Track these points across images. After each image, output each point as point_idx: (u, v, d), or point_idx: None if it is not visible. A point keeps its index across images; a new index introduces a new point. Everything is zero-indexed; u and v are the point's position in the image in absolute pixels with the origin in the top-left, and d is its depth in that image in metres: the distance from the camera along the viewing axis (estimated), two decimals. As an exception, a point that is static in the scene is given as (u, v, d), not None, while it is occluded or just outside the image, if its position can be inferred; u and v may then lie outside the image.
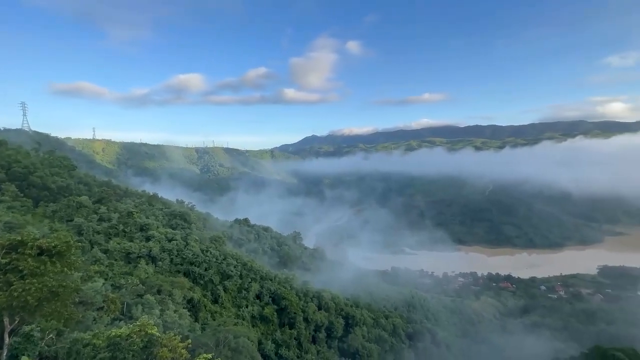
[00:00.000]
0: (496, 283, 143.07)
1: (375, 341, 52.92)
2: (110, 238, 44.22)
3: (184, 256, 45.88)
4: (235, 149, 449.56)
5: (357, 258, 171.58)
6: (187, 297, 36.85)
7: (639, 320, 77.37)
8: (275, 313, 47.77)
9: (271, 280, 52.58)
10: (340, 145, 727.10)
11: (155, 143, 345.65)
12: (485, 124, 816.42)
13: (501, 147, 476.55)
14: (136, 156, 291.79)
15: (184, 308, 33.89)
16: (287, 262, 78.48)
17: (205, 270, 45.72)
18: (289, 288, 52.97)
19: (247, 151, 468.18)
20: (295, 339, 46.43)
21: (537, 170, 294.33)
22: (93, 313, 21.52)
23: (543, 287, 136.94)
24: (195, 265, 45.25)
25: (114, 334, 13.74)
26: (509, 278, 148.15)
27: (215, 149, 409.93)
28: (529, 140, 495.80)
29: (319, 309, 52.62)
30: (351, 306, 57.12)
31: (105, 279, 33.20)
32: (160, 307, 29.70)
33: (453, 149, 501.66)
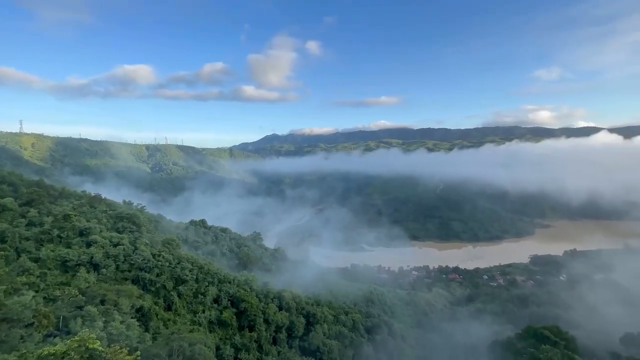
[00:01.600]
0: (446, 275, 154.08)
1: (336, 337, 53.87)
2: (42, 245, 39.17)
3: (133, 262, 42.34)
4: (191, 147, 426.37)
5: (318, 256, 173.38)
6: (136, 306, 34.06)
7: (562, 301, 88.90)
8: (234, 316, 46.26)
9: (230, 282, 50.81)
10: (301, 144, 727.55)
11: (98, 139, 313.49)
12: (437, 127, 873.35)
13: (450, 149, 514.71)
14: (75, 153, 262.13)
15: (132, 318, 31.27)
16: (247, 263, 76.47)
17: (157, 276, 42.67)
18: (249, 290, 51.67)
19: (203, 149, 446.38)
20: (255, 341, 45.43)
21: (480, 170, 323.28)
22: (20, 331, 18.91)
23: (485, 277, 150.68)
24: (145, 271, 42.00)
25: (46, 352, 12.21)
26: (456, 270, 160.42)
27: (168, 146, 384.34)
28: (474, 143, 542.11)
29: (280, 309, 52.13)
30: (312, 304, 57.46)
31: (37, 291, 29.57)
32: (104, 319, 27.07)
33: (408, 150, 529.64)
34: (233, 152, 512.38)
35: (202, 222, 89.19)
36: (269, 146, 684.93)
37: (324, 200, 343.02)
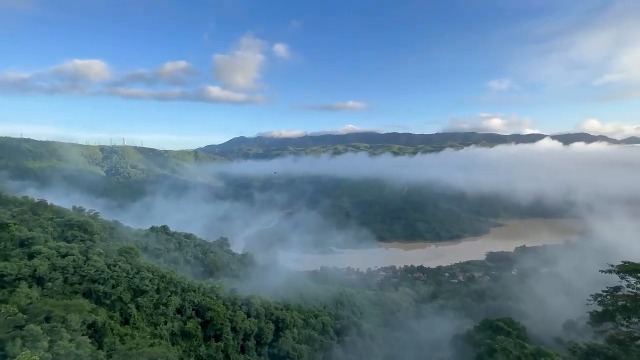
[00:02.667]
0: (411, 274, 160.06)
1: (306, 341, 53.54)
2: (-28, 258, 34.60)
3: (84, 273, 38.81)
4: (152, 149, 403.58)
5: (288, 260, 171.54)
6: (87, 322, 31.19)
7: (513, 294, 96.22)
8: (199, 327, 44.19)
9: (194, 291, 48.49)
10: (269, 147, 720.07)
11: (44, 139, 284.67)
12: (401, 132, 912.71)
13: (414, 153, 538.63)
14: (14, 154, 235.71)
15: (83, 335, 28.60)
16: (214, 270, 73.59)
17: (113, 287, 39.50)
18: (215, 298, 49.70)
19: (166, 151, 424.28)
20: (222, 351, 43.72)
21: (441, 173, 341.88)
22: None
23: (447, 274, 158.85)
24: (99, 283, 38.70)
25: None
26: (421, 268, 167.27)
27: (126, 148, 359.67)
28: (436, 147, 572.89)
29: (249, 316, 50.75)
30: (282, 309, 56.66)
31: (-35, 312, 25.94)
32: (49, 338, 24.46)
33: (374, 154, 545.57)
34: (198, 154, 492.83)
35: (164, 229, 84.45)
36: (237, 149, 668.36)
37: (293, 203, 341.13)
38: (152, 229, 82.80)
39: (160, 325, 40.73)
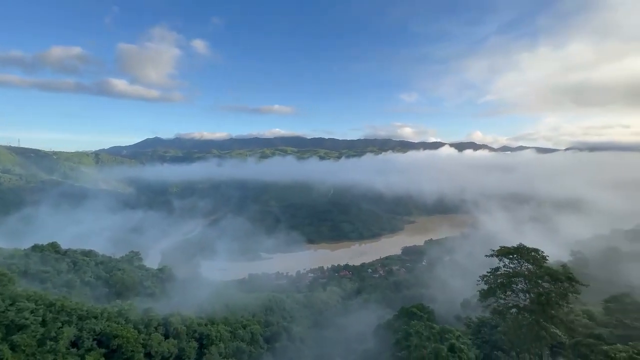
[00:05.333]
0: (338, 273, 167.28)
1: (234, 355, 50.77)
2: None
3: None
4: (35, 150, 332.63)
5: (213, 271, 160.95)
6: None
7: (424, 282, 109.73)
8: (103, 358, 37.72)
9: (96, 318, 41.19)
10: (190, 150, 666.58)
11: None
12: (327, 137, 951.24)
13: (339, 157, 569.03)
14: None
15: None
16: (122, 290, 63.90)
17: (-26, 327, 30.73)
18: (124, 322, 43.17)
19: (55, 153, 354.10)
20: (133, 382, 38.18)
21: (363, 176, 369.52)
22: None
23: (369, 270, 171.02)
24: (-50, 324, 29.63)
25: None
26: (347, 267, 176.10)
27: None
28: (358, 152, 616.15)
29: (167, 337, 45.59)
30: (206, 325, 52.54)
31: None
32: None
33: (302, 158, 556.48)
34: (100, 156, 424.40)
35: (53, 246, 69.72)
36: (151, 151, 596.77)
37: (218, 209, 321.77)
38: (35, 247, 67.48)
39: (48, 365, 33.31)
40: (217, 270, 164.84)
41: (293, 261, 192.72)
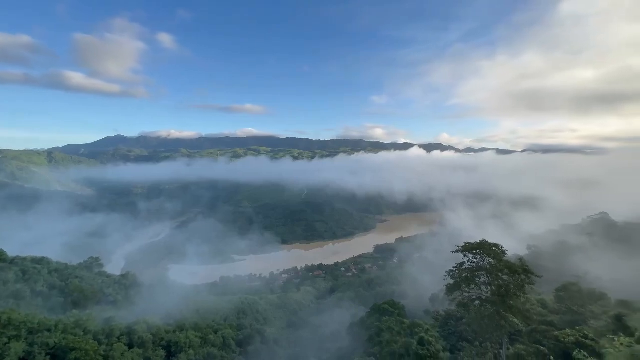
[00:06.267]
0: (312, 273, 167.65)
1: (204, 361, 49.08)
2: None
3: None
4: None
5: (183, 274, 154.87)
6: None
7: (396, 279, 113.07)
8: (58, 374, 34.78)
9: (49, 330, 37.89)
10: (156, 149, 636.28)
11: None
12: (300, 137, 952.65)
13: (312, 158, 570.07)
14: None
15: None
16: (81, 299, 59.32)
17: None
18: (82, 334, 40.14)
19: (0, 151, 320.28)
20: (93, 397, 35.57)
21: (336, 176, 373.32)
22: None
23: (343, 269, 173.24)
24: None
25: None
26: (320, 266, 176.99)
27: None
28: (331, 153, 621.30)
29: (131, 347, 43.04)
30: (174, 331, 50.29)
31: None
32: None
33: (275, 158, 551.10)
34: (54, 155, 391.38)
35: (-2, 254, 63.09)
36: (112, 150, 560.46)
37: (187, 211, 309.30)
38: (-24, 256, 60.72)
39: (-8, 386, 30.15)
40: (187, 274, 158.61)
41: (267, 262, 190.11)
